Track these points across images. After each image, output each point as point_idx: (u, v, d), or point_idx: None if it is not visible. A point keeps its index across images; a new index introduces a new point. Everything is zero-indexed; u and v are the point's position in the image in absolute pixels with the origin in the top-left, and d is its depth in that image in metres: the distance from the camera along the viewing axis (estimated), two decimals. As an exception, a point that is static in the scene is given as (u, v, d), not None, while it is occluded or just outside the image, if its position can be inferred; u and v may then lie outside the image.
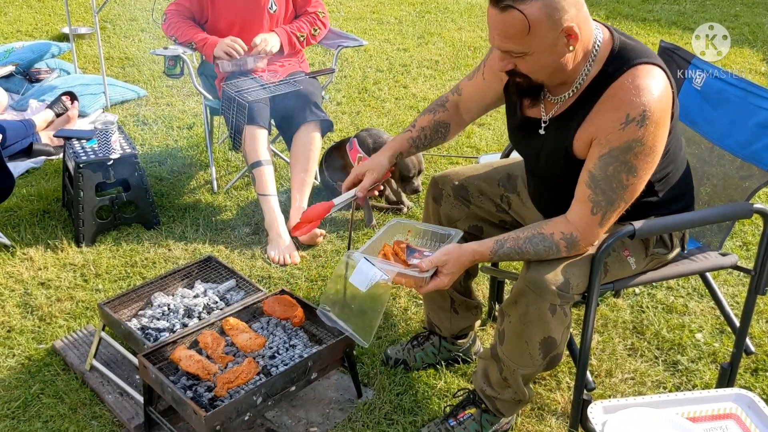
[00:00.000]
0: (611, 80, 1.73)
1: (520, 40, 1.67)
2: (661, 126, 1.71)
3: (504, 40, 1.69)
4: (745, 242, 3.14)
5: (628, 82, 1.70)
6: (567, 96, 1.82)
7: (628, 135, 1.69)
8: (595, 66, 1.76)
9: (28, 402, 2.26)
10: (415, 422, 2.19)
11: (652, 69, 1.72)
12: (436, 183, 2.26)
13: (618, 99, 1.71)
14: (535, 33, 1.65)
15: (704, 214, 2.13)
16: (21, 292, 2.80)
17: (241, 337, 2.18)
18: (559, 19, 1.64)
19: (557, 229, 1.81)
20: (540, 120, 1.90)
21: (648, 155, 1.73)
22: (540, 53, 1.69)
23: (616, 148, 1.71)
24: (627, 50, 1.75)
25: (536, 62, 1.72)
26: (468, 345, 2.43)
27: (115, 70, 5.19)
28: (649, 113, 1.68)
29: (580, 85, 1.79)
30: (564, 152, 1.83)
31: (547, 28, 1.64)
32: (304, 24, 3.49)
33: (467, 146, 4.08)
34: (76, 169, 3.05)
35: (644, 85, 1.69)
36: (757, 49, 5.74)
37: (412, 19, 6.59)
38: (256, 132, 3.20)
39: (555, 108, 1.86)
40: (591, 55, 1.76)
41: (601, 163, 1.74)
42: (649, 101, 1.68)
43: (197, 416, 1.87)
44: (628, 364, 2.44)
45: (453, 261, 1.85)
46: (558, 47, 1.69)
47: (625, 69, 1.72)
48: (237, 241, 3.17)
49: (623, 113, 1.69)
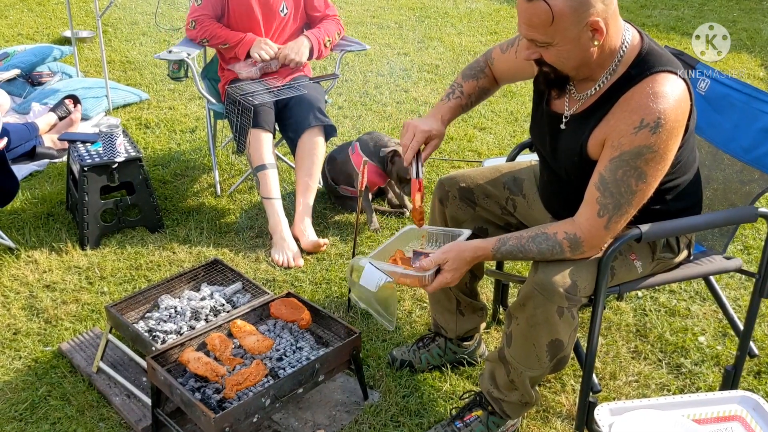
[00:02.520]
0: (633, 84, 1.74)
1: (544, 30, 1.68)
2: (674, 135, 1.72)
3: (529, 29, 1.71)
4: (747, 246, 3.17)
5: (647, 88, 1.72)
6: (590, 93, 1.83)
7: (640, 140, 1.70)
8: (620, 67, 1.78)
9: (36, 404, 2.27)
10: (422, 424, 2.20)
11: (674, 78, 1.73)
12: (443, 185, 2.27)
13: (635, 103, 1.72)
14: (559, 24, 1.66)
15: (709, 218, 2.15)
16: (26, 294, 2.80)
17: (249, 340, 2.19)
18: (585, 12, 1.65)
19: (561, 228, 1.83)
20: (563, 115, 1.91)
21: (658, 162, 1.74)
22: (564, 45, 1.70)
23: (627, 152, 1.72)
24: (653, 56, 1.76)
25: (560, 53, 1.73)
26: (473, 347, 2.44)
27: (116, 73, 5.20)
28: (664, 121, 1.69)
29: (603, 84, 1.80)
30: (579, 150, 1.84)
31: (571, 20, 1.66)
32: (332, 29, 3.53)
33: (468, 150, 4.10)
34: (81, 172, 3.06)
35: (662, 93, 1.70)
36: (755, 55, 5.77)
37: (412, 23, 6.61)
38: (261, 135, 3.21)
39: (577, 104, 1.87)
40: (618, 55, 1.77)
41: (611, 166, 1.75)
42: (665, 109, 1.69)
43: (206, 418, 1.88)
44: (632, 366, 2.46)
45: (453, 257, 1.87)
46: (582, 40, 1.70)
47: (647, 74, 1.73)
48: (241, 245, 3.18)
49: (638, 118, 1.70)
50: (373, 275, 1.91)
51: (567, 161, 1.91)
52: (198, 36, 3.40)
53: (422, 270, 1.91)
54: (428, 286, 1.91)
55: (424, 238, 2.13)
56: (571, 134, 1.88)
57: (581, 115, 1.86)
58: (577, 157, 1.85)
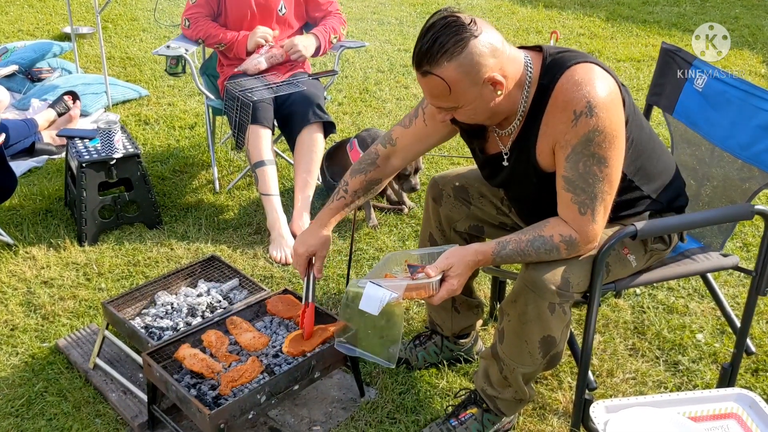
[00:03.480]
0: (550, 89, 1.76)
1: (446, 98, 1.74)
2: (612, 111, 1.73)
3: (433, 99, 1.78)
4: (746, 243, 3.16)
5: (565, 83, 1.74)
6: (517, 123, 1.85)
7: (582, 128, 1.71)
8: (532, 86, 1.80)
9: (32, 400, 2.27)
10: (418, 421, 2.20)
11: (585, 65, 1.75)
12: (437, 183, 2.27)
13: (561, 101, 1.74)
14: (457, 90, 1.71)
15: (706, 215, 2.15)
16: (24, 290, 2.81)
17: (245, 336, 2.19)
18: (478, 73, 1.69)
19: (556, 231, 1.82)
20: (501, 153, 1.94)
21: (611, 141, 1.74)
22: (469, 104, 1.75)
23: (577, 145, 1.73)
24: (557, 59, 1.78)
25: (469, 112, 1.78)
26: (470, 344, 2.44)
27: (116, 69, 5.20)
28: (594, 101, 1.70)
29: (525, 108, 1.82)
30: (533, 170, 1.86)
31: (467, 84, 1.70)
32: (337, 25, 3.53)
33: (467, 148, 4.08)
34: (79, 169, 3.06)
35: (580, 80, 1.72)
36: (756, 51, 5.75)
37: (413, 19, 6.60)
38: (260, 131, 3.21)
39: (510, 138, 1.89)
40: (526, 81, 1.79)
41: (570, 164, 1.76)
42: (590, 91, 1.71)
43: (201, 414, 1.88)
44: (629, 364, 2.45)
45: (458, 262, 1.85)
46: (485, 96, 1.74)
47: (558, 75, 1.75)
48: (239, 241, 3.18)
49: (570, 111, 1.72)
50: (376, 295, 1.78)
51: (527, 187, 1.93)
52: (193, 35, 3.40)
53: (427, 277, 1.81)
54: (435, 297, 1.82)
55: (407, 263, 2.05)
56: (517, 163, 1.90)
57: (517, 142, 1.88)
58: (535, 178, 1.87)
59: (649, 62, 5.49)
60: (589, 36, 6.17)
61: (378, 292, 1.78)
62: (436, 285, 1.81)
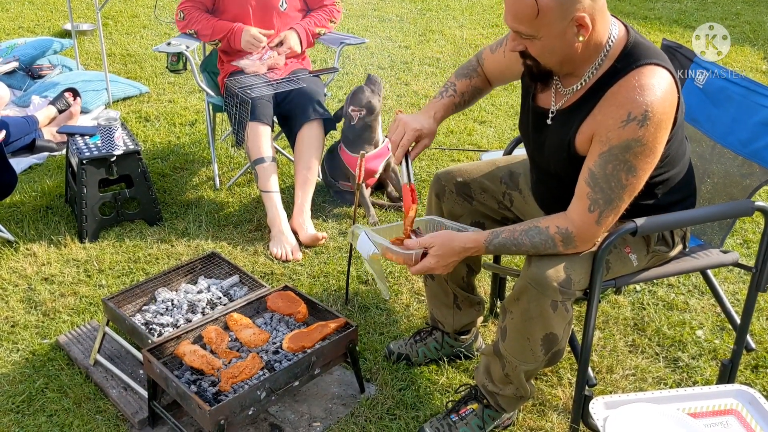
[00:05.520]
0: (618, 77, 1.73)
1: (529, 23, 1.68)
2: (662, 128, 1.72)
3: (514, 21, 1.71)
4: (746, 240, 3.16)
5: (633, 81, 1.71)
6: (576, 88, 1.82)
7: (628, 134, 1.70)
8: (606, 62, 1.77)
9: (33, 396, 2.28)
10: (418, 417, 2.20)
11: (660, 70, 1.72)
12: (439, 180, 2.27)
13: (621, 96, 1.71)
14: (544, 18, 1.66)
15: (706, 211, 2.14)
16: (24, 287, 2.81)
17: (245, 333, 2.19)
18: (571, 7, 1.65)
19: (553, 223, 1.82)
20: (549, 110, 1.90)
21: (648, 156, 1.73)
22: (548, 38, 1.70)
23: (615, 146, 1.71)
24: (639, 49, 1.75)
25: (545, 47, 1.73)
26: (470, 341, 2.44)
27: (117, 66, 5.19)
28: (651, 113, 1.68)
29: (589, 79, 1.79)
30: (566, 146, 1.83)
31: (556, 14, 1.65)
32: (323, 18, 3.52)
33: (468, 143, 4.09)
34: (79, 165, 3.06)
35: (649, 85, 1.69)
36: (758, 48, 5.75)
37: (414, 16, 6.59)
38: (259, 128, 3.21)
39: (563, 100, 1.86)
40: (604, 50, 1.76)
41: (600, 161, 1.74)
42: (653, 102, 1.68)
43: (201, 410, 1.88)
44: (629, 360, 2.45)
45: (440, 244, 1.85)
46: (567, 36, 1.69)
47: (633, 67, 1.72)
48: (239, 238, 3.18)
49: (625, 111, 1.69)
50: (365, 244, 1.97)
51: (555, 157, 1.90)
52: (185, 28, 3.40)
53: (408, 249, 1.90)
54: (412, 267, 1.89)
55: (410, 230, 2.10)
56: (557, 130, 1.87)
57: (567, 110, 1.85)
58: (565, 153, 1.85)
59: (650, 59, 5.47)
60: (589, 33, 6.16)
61: (366, 243, 1.98)
62: (416, 258, 1.89)
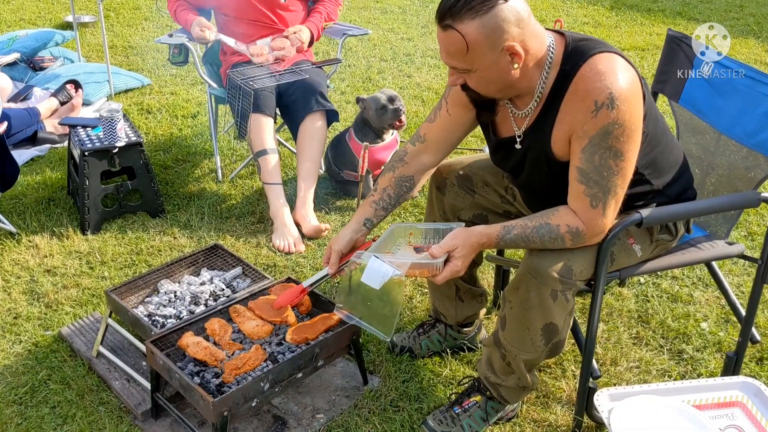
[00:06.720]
0: (571, 77, 1.74)
1: (462, 57, 1.71)
2: (633, 104, 1.71)
3: (448, 57, 1.74)
4: (750, 232, 3.15)
5: (587, 72, 1.71)
6: (533, 106, 1.83)
7: (602, 120, 1.70)
8: (552, 70, 1.77)
9: (36, 388, 2.28)
10: (421, 409, 2.20)
11: (608, 55, 1.73)
12: (440, 172, 2.25)
13: (582, 89, 1.72)
14: (474, 52, 1.68)
15: (711, 202, 2.13)
16: (27, 279, 2.81)
17: (249, 324, 2.18)
18: (499, 38, 1.66)
19: (563, 221, 1.81)
20: (514, 137, 1.92)
21: (630, 135, 1.73)
22: (483, 70, 1.72)
23: (595, 136, 1.72)
24: (580, 46, 1.76)
25: (481, 78, 1.75)
26: (474, 333, 2.44)
27: (118, 58, 5.18)
28: (616, 94, 1.68)
29: (543, 91, 1.80)
30: (545, 158, 1.84)
31: (485, 47, 1.67)
32: (332, 11, 3.54)
33: (471, 136, 4.06)
34: (82, 157, 3.05)
35: (604, 70, 1.70)
36: (762, 40, 5.72)
37: (416, 8, 6.57)
38: (262, 120, 3.20)
39: (526, 121, 1.87)
40: (546, 63, 1.77)
41: (585, 156, 1.74)
42: (613, 83, 1.69)
43: (205, 402, 1.88)
44: (633, 352, 2.45)
45: (462, 243, 1.84)
46: (501, 65, 1.71)
47: (581, 63, 1.73)
48: (242, 230, 3.17)
49: (591, 101, 1.70)
50: (380, 270, 1.81)
51: (537, 174, 1.91)
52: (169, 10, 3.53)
53: (431, 257, 1.83)
54: (438, 276, 1.83)
55: (412, 235, 2.06)
56: (530, 149, 1.88)
57: (533, 128, 1.86)
58: (546, 167, 1.86)
59: (653, 51, 5.46)
60: (593, 25, 6.14)
61: (382, 267, 1.81)
62: (440, 265, 1.82)
